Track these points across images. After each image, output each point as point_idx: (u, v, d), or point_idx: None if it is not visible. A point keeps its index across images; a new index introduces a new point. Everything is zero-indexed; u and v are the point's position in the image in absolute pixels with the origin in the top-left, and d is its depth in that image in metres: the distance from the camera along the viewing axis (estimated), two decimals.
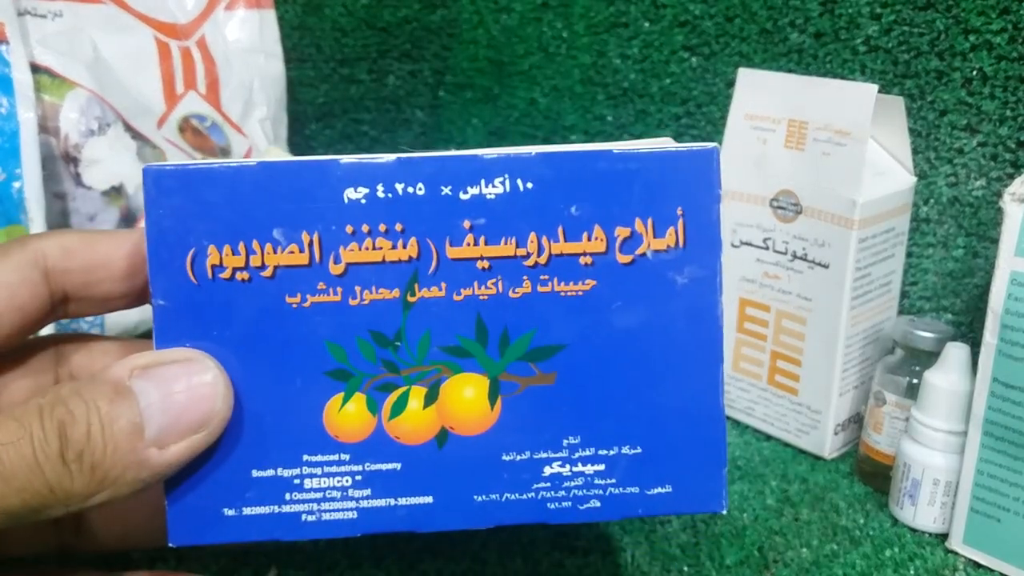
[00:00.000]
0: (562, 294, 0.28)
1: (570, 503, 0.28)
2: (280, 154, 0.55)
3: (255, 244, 0.27)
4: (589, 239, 0.28)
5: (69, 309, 0.29)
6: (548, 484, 0.28)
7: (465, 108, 0.76)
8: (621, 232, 0.28)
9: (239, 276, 0.27)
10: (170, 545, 0.27)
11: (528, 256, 0.28)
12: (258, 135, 0.61)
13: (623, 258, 0.28)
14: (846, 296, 0.46)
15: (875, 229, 0.46)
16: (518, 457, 0.28)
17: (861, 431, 0.47)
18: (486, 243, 0.28)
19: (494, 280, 0.28)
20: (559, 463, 0.28)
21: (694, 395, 0.28)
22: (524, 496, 0.28)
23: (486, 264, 0.28)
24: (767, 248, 0.49)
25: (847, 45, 0.53)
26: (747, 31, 0.58)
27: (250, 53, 0.61)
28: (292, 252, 0.27)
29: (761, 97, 0.48)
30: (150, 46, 0.55)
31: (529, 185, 0.27)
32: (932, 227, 0.51)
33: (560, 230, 0.28)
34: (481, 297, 0.28)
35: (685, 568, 0.38)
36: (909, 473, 0.42)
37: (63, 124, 0.49)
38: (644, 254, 0.28)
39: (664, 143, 0.28)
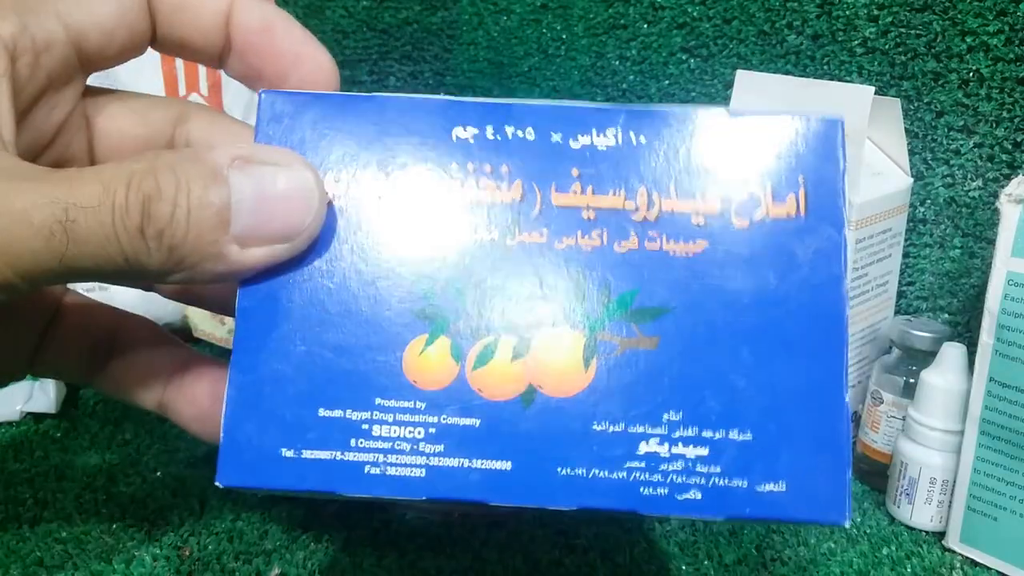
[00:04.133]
0: (671, 254, 0.26)
1: (666, 490, 0.25)
2: None
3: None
4: (703, 198, 0.26)
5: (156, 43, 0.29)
6: (643, 464, 0.25)
7: None
8: (737, 193, 0.26)
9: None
10: (217, 484, 0.24)
11: (636, 210, 0.26)
12: None
13: (739, 221, 0.26)
14: None
15: (872, 229, 0.46)
16: (611, 428, 0.25)
17: (858, 430, 0.47)
18: (593, 192, 0.26)
19: (599, 231, 0.26)
20: (657, 440, 0.25)
21: (813, 381, 0.25)
22: (614, 475, 0.25)
23: (591, 214, 0.26)
24: None
25: (844, 47, 0.54)
26: (745, 33, 0.58)
27: None
28: None
29: (759, 99, 0.49)
30: None
31: (643, 139, 0.26)
32: (929, 228, 0.51)
33: (672, 187, 0.26)
34: (584, 248, 0.26)
35: (684, 567, 0.39)
36: (906, 472, 0.42)
37: None
38: (761, 220, 0.26)
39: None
